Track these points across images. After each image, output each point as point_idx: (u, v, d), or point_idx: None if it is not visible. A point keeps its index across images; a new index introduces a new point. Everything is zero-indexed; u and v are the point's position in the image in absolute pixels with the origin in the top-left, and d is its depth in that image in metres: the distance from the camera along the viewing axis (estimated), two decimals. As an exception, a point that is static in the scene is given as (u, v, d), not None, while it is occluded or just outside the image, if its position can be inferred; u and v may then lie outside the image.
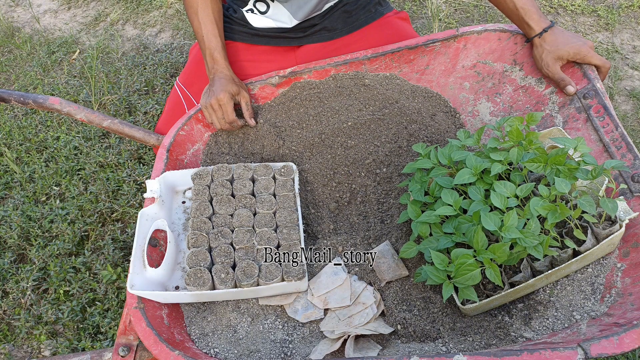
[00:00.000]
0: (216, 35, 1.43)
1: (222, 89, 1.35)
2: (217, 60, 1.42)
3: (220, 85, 1.36)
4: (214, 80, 1.39)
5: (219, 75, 1.39)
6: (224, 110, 1.35)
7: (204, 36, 1.42)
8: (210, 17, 1.43)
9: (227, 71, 1.42)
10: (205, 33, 1.42)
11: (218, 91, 1.34)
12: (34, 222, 2.03)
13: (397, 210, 1.23)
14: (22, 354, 1.71)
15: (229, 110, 1.35)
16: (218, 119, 1.36)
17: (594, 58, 1.22)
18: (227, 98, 1.34)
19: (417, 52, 1.40)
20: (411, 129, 1.32)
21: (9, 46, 3.09)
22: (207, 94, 1.37)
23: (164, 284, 1.10)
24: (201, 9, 1.42)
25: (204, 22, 1.42)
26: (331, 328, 1.05)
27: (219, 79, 1.38)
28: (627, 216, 1.00)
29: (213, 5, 1.44)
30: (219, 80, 1.38)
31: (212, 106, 1.35)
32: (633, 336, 0.82)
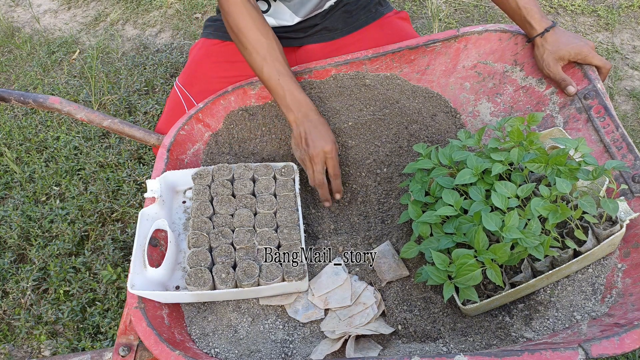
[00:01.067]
0: (292, 78, 1.23)
1: (326, 138, 1.19)
2: (303, 101, 1.22)
3: (320, 133, 1.19)
4: (307, 126, 1.20)
5: (314, 120, 1.21)
6: (332, 163, 1.20)
7: (279, 79, 1.22)
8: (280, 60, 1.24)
9: (319, 114, 1.23)
10: (280, 76, 1.22)
11: (322, 142, 1.18)
12: (34, 222, 2.03)
13: (397, 210, 1.23)
14: (22, 354, 1.71)
15: (336, 162, 1.20)
16: (318, 172, 1.21)
17: (595, 59, 1.22)
18: (335, 148, 1.20)
19: (418, 52, 1.40)
20: (412, 129, 1.32)
21: (9, 46, 3.09)
22: (305, 142, 1.20)
23: (164, 283, 1.10)
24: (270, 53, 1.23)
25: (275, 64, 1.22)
26: (332, 328, 1.05)
27: (314, 125, 1.20)
28: (627, 217, 1.00)
29: (280, 47, 1.26)
30: (315, 127, 1.20)
31: (316, 157, 1.19)
32: (634, 336, 0.82)
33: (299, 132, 1.21)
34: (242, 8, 1.24)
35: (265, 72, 1.23)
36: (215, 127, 1.38)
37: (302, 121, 1.21)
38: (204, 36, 1.57)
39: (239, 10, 1.24)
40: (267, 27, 1.25)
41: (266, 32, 1.24)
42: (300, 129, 1.21)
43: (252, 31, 1.23)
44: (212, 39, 1.55)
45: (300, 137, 1.22)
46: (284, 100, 1.22)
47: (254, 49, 1.23)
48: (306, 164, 1.22)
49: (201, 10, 3.19)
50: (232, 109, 1.39)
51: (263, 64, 1.22)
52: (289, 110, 1.22)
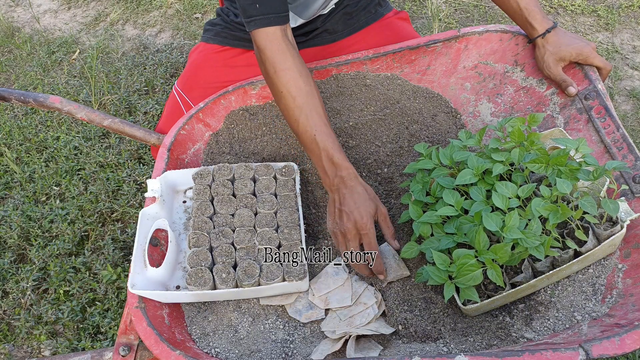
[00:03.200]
0: (331, 134, 1.09)
1: (361, 209, 1.05)
2: (340, 164, 1.08)
3: (356, 203, 1.05)
4: (343, 193, 1.07)
5: (350, 187, 1.07)
6: (369, 239, 1.06)
7: (315, 136, 1.08)
8: (320, 113, 1.09)
9: (358, 180, 1.08)
10: (318, 133, 1.08)
11: (356, 213, 1.05)
12: (34, 222, 2.03)
13: (398, 210, 1.23)
14: (22, 354, 1.70)
15: (373, 238, 1.06)
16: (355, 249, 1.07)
17: (596, 59, 1.22)
18: (371, 223, 1.05)
19: (419, 52, 1.40)
20: (412, 129, 1.32)
21: (9, 46, 3.09)
22: (338, 214, 1.07)
23: (164, 283, 1.10)
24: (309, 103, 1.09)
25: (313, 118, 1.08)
26: (332, 328, 1.05)
27: (350, 193, 1.06)
28: (628, 217, 1.00)
29: (320, 98, 1.12)
30: (351, 196, 1.06)
31: (348, 233, 1.06)
32: (634, 337, 0.82)
33: (333, 199, 1.09)
34: (281, 44, 1.10)
35: (300, 124, 1.09)
36: (216, 127, 1.38)
37: (337, 187, 1.08)
38: (204, 40, 1.57)
39: (277, 46, 1.10)
40: (307, 70, 1.12)
41: (307, 76, 1.11)
42: (335, 196, 1.09)
43: (290, 73, 1.09)
44: (212, 44, 1.54)
45: (334, 206, 1.09)
46: (320, 161, 1.09)
47: (290, 95, 1.09)
48: (338, 239, 1.09)
49: (201, 11, 3.19)
50: (232, 108, 1.39)
51: (299, 114, 1.09)
52: (325, 174, 1.10)
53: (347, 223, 1.06)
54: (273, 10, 1.10)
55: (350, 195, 1.07)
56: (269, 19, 1.10)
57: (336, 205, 1.09)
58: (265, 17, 1.09)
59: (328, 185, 1.10)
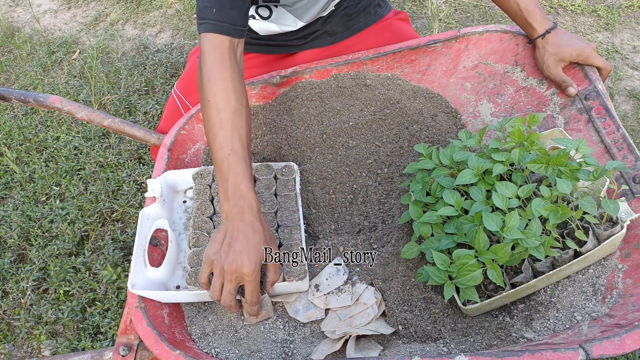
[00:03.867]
0: (246, 160, 1.00)
1: (251, 255, 0.95)
2: (245, 193, 0.98)
3: (248, 243, 0.95)
4: (237, 227, 0.97)
5: (248, 222, 0.97)
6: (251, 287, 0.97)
7: (229, 155, 0.99)
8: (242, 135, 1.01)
9: (258, 216, 0.99)
10: (231, 153, 0.99)
11: (245, 256, 0.94)
12: (34, 222, 2.03)
13: (398, 210, 1.23)
14: (22, 354, 1.70)
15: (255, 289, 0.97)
16: (229, 293, 0.97)
17: (596, 60, 1.22)
18: (258, 271, 0.96)
19: (419, 52, 1.40)
20: (412, 129, 1.32)
21: (9, 46, 3.09)
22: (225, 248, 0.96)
23: (165, 283, 1.10)
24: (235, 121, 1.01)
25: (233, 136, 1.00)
26: (332, 328, 1.05)
27: (245, 229, 0.96)
28: (628, 217, 1.00)
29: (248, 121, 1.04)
30: (244, 234, 0.96)
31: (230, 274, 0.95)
32: (634, 337, 0.82)
33: (226, 228, 0.98)
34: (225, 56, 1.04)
35: (218, 140, 1.00)
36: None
37: (234, 218, 0.98)
38: None
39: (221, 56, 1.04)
40: (244, 90, 1.06)
41: (241, 94, 1.03)
42: (227, 226, 0.98)
43: (225, 84, 1.02)
44: None
45: (224, 237, 0.97)
46: (225, 183, 0.99)
47: (217, 107, 1.01)
48: (216, 273, 0.97)
49: (201, 10, 3.18)
50: (232, 109, 1.39)
51: (219, 129, 1.00)
52: (225, 199, 0.99)
53: (231, 263, 0.95)
54: (229, 19, 1.05)
55: (244, 233, 0.96)
56: (222, 27, 1.05)
57: (226, 237, 0.97)
58: (218, 24, 1.04)
59: (225, 211, 0.99)
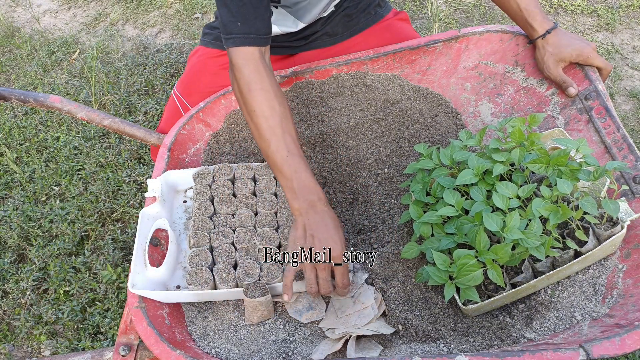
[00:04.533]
0: (303, 157, 1.06)
1: (335, 239, 0.99)
2: (312, 187, 1.04)
3: (329, 231, 1.00)
4: (313, 219, 1.02)
5: (322, 213, 1.02)
6: (343, 270, 1.01)
7: (287, 156, 1.04)
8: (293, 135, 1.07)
9: (329, 206, 1.04)
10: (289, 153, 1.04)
11: (331, 241, 0.99)
12: (34, 222, 2.03)
13: (398, 210, 1.23)
14: (22, 354, 1.70)
15: (346, 272, 1.01)
16: (324, 280, 1.01)
17: (597, 60, 1.22)
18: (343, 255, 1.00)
19: (419, 52, 1.40)
20: (413, 129, 1.32)
21: (9, 46, 3.09)
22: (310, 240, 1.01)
23: (165, 283, 1.10)
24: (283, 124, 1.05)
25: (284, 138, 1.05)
26: (329, 325, 1.05)
27: (322, 219, 1.01)
28: (628, 217, 1.00)
29: (293, 120, 1.09)
30: (323, 222, 1.01)
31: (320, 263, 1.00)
32: (634, 337, 0.82)
33: (303, 223, 1.03)
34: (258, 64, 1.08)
35: (272, 145, 1.05)
36: (216, 127, 1.38)
37: (307, 211, 1.03)
38: (203, 44, 1.56)
39: (253, 66, 1.08)
40: (282, 94, 1.10)
41: (281, 98, 1.08)
42: (304, 220, 1.03)
43: (265, 93, 1.06)
44: (211, 48, 1.53)
45: (304, 231, 1.03)
46: (290, 183, 1.05)
47: (264, 115, 1.06)
48: (306, 266, 1.02)
49: (201, 10, 3.19)
50: (232, 108, 1.39)
51: (271, 135, 1.06)
52: (294, 197, 1.04)
53: (314, 245, 1.00)
54: (255, 30, 1.08)
55: (323, 222, 1.01)
56: (250, 39, 1.08)
57: (307, 231, 1.02)
58: (246, 37, 1.08)
59: (296, 208, 1.04)
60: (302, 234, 1.03)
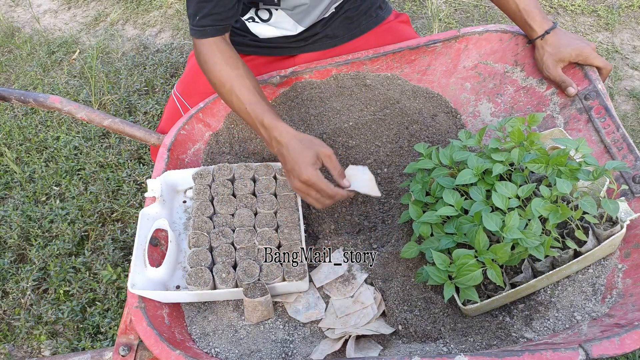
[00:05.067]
0: (260, 102, 1.17)
1: (300, 163, 1.10)
2: (270, 124, 1.15)
3: (293, 159, 1.11)
4: (282, 153, 1.14)
5: (285, 145, 1.13)
6: (318, 188, 1.11)
7: (246, 108, 1.17)
8: (249, 88, 1.19)
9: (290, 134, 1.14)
10: (247, 105, 1.17)
11: (297, 169, 1.11)
12: (34, 222, 2.03)
13: (398, 210, 1.23)
14: (22, 354, 1.70)
15: (322, 186, 1.11)
16: (316, 199, 1.13)
17: (596, 60, 1.22)
18: (314, 174, 1.10)
19: (419, 52, 1.40)
20: (412, 129, 1.32)
21: (9, 46, 3.09)
22: (287, 175, 1.16)
23: (164, 283, 1.10)
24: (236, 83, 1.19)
25: (242, 94, 1.18)
26: (328, 325, 1.05)
27: (287, 150, 1.12)
28: (628, 217, 1.00)
29: (250, 77, 1.21)
30: (288, 153, 1.12)
31: (300, 191, 1.13)
32: (634, 337, 0.82)
33: (282, 161, 1.16)
34: (212, 46, 1.23)
35: (235, 105, 1.20)
36: (216, 127, 1.38)
37: (277, 149, 1.15)
38: None
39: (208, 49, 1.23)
40: (235, 59, 1.23)
41: (234, 63, 1.21)
42: (280, 159, 1.16)
43: (218, 65, 1.21)
44: None
45: (285, 167, 1.15)
46: (257, 129, 1.18)
47: (221, 83, 1.21)
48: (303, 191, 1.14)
49: (201, 10, 3.18)
50: (232, 109, 1.39)
51: (231, 96, 1.19)
52: (265, 142, 1.19)
53: (294, 182, 1.13)
54: (210, 23, 1.21)
55: (287, 153, 1.12)
56: (206, 31, 1.22)
57: (286, 165, 1.14)
58: (203, 29, 1.22)
59: (271, 149, 1.18)
60: (285, 169, 1.16)
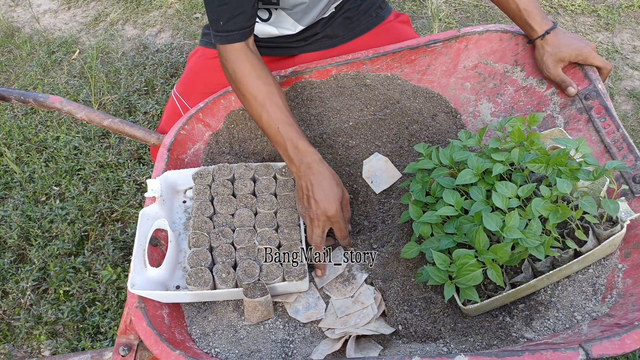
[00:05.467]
0: (293, 124, 1.15)
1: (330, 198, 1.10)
2: (305, 150, 1.13)
3: (324, 191, 1.10)
4: (310, 180, 1.12)
5: (318, 173, 1.11)
6: (340, 226, 1.12)
7: (279, 128, 1.14)
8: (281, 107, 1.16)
9: (324, 164, 1.13)
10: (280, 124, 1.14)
11: (325, 202, 1.10)
12: (34, 222, 2.03)
13: (398, 210, 1.23)
14: (22, 354, 1.70)
15: (343, 225, 1.13)
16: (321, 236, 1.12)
17: (596, 59, 1.22)
18: (339, 210, 1.11)
19: (419, 52, 1.40)
20: (412, 129, 1.32)
21: (9, 46, 3.09)
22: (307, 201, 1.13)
23: (164, 283, 1.10)
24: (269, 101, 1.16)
25: (274, 112, 1.15)
26: (328, 325, 1.05)
27: (318, 180, 1.11)
28: (628, 217, 1.00)
29: (281, 95, 1.19)
30: (319, 183, 1.11)
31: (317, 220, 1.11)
32: (634, 337, 0.82)
33: (301, 185, 1.14)
34: (241, 55, 1.19)
35: (264, 120, 1.16)
36: (216, 127, 1.38)
37: (305, 174, 1.12)
38: (202, 44, 1.56)
39: (237, 57, 1.19)
40: (266, 73, 1.20)
41: (265, 77, 1.19)
42: (302, 183, 1.13)
43: (250, 78, 1.18)
44: (211, 48, 1.53)
45: (302, 192, 1.14)
46: (286, 150, 1.14)
47: (252, 96, 1.17)
48: (307, 222, 1.15)
49: (201, 10, 3.19)
50: (232, 108, 1.39)
51: (262, 111, 1.16)
52: (291, 162, 1.14)
53: (316, 211, 1.11)
54: (236, 27, 1.17)
55: (318, 183, 1.11)
56: (232, 36, 1.18)
57: (304, 192, 1.13)
58: (229, 35, 1.18)
59: (295, 172, 1.15)
60: (301, 195, 1.14)
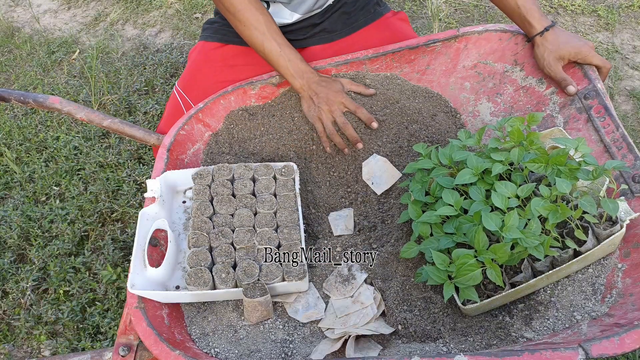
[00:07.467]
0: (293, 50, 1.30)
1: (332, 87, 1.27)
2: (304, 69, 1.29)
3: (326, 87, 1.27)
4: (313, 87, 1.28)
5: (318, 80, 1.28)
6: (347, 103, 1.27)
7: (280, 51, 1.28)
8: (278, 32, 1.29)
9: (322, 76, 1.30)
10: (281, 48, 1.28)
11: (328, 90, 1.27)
12: (34, 222, 2.03)
13: (397, 210, 1.23)
14: (22, 354, 1.71)
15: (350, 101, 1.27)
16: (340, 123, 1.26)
17: (595, 58, 1.22)
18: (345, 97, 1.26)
19: (418, 52, 1.40)
20: (412, 129, 1.32)
21: (9, 46, 3.09)
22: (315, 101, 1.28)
23: (164, 283, 1.10)
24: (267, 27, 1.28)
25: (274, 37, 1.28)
26: (328, 325, 1.05)
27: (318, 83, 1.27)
28: (627, 216, 1.00)
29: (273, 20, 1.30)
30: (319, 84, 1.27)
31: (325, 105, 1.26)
32: (634, 336, 0.82)
33: (309, 95, 1.28)
34: None
35: (266, 47, 1.27)
36: (216, 127, 1.38)
37: (308, 85, 1.28)
38: (203, 39, 1.56)
39: None
40: (260, 4, 1.30)
41: (261, 8, 1.29)
42: (309, 92, 1.28)
43: (248, 9, 1.27)
44: (211, 41, 1.54)
45: (310, 99, 1.28)
46: (288, 70, 1.27)
47: (252, 26, 1.27)
48: (317, 124, 1.28)
49: (201, 10, 3.19)
50: (232, 108, 1.39)
51: (263, 39, 1.27)
52: (294, 79, 1.28)
53: (324, 98, 1.24)
54: None
55: (322, 86, 1.26)
56: None
57: (311, 98, 1.27)
58: None
59: (299, 86, 1.28)
60: (309, 103, 1.29)
